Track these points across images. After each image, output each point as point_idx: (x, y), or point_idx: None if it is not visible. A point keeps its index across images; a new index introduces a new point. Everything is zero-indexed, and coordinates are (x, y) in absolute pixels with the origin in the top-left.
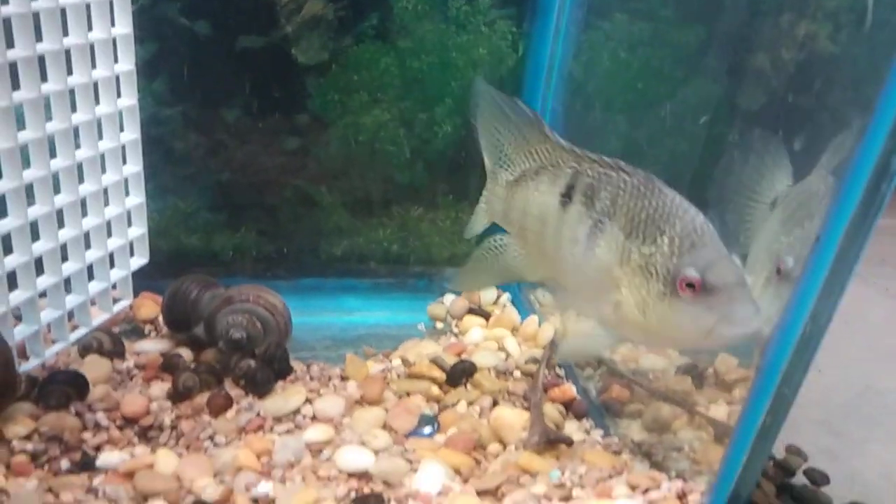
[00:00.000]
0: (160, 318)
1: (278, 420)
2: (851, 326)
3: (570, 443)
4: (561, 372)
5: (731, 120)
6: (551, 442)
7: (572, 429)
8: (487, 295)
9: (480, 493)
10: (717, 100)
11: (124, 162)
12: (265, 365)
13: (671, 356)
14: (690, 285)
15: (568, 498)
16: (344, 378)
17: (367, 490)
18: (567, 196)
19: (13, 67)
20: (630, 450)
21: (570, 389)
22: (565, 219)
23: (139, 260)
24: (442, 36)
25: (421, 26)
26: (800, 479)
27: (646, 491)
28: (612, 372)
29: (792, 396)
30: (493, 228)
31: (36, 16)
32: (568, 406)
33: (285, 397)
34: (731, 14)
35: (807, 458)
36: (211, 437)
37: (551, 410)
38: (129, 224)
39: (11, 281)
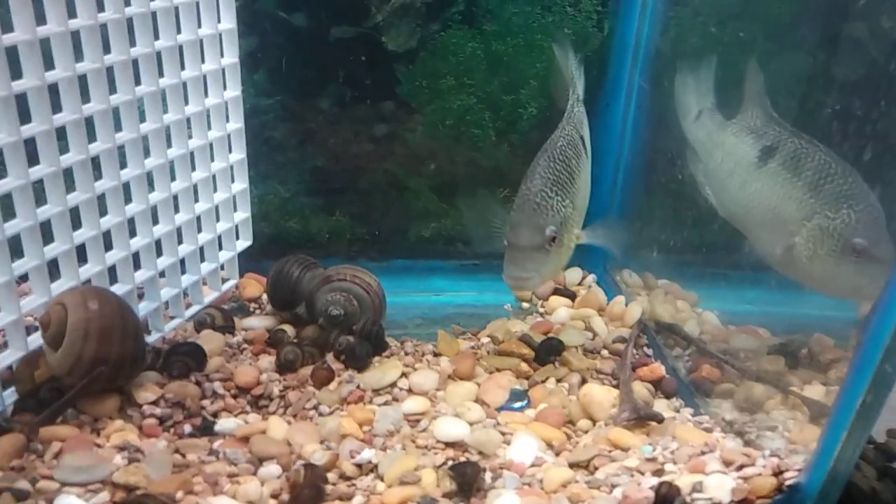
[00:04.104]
0: (264, 297)
1: (377, 392)
2: None
3: (660, 419)
4: (649, 351)
5: (827, 93)
6: (642, 419)
7: (661, 407)
8: (572, 275)
9: (573, 466)
10: (811, 73)
11: (230, 150)
12: (363, 340)
13: (762, 336)
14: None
15: (661, 472)
16: (436, 354)
17: (463, 459)
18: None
19: (135, 64)
20: (721, 428)
21: (658, 368)
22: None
23: (244, 242)
24: (527, 18)
25: (506, 9)
26: None
27: (740, 467)
28: (702, 351)
29: (894, 374)
30: None
31: (153, 15)
32: (657, 385)
33: (382, 371)
34: None
35: None
36: (315, 407)
37: (640, 389)
38: (235, 209)
39: (135, 261)
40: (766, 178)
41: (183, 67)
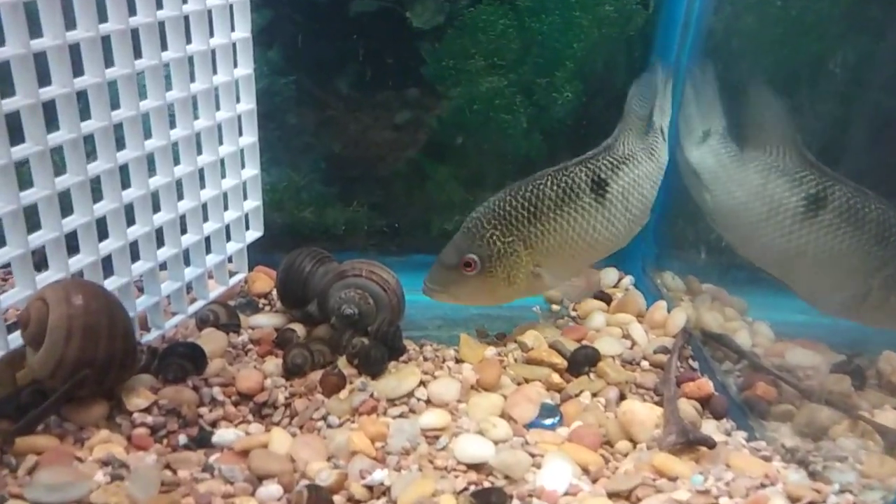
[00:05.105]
0: (275, 293)
1: (392, 402)
2: None
3: (711, 444)
4: (695, 364)
5: None
6: (690, 443)
7: (711, 429)
8: (608, 277)
9: (612, 496)
10: (882, 58)
11: (240, 133)
12: (378, 343)
13: (823, 351)
14: None
15: None
16: (459, 360)
17: (486, 484)
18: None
19: (135, 35)
20: (782, 456)
21: (706, 384)
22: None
23: (254, 233)
24: None
25: None
26: None
27: None
28: (756, 366)
29: None
30: None
31: None
32: (704, 403)
33: (399, 378)
34: None
35: None
36: (324, 418)
37: (686, 407)
38: (245, 196)
39: (133, 252)
40: (820, 230)
41: (189, 41)
